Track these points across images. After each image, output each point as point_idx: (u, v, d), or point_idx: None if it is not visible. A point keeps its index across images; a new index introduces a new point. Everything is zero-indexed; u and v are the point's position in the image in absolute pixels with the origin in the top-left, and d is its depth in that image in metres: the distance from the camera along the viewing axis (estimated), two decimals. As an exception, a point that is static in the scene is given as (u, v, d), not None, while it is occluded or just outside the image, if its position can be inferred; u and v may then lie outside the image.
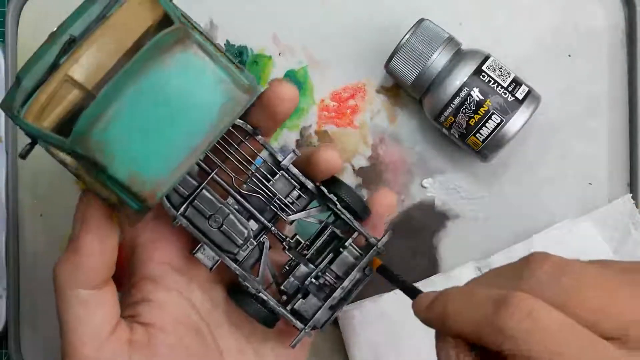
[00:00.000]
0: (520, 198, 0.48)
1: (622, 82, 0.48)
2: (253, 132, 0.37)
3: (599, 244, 0.47)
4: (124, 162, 0.31)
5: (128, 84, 0.31)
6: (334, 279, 0.39)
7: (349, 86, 0.49)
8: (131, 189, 0.31)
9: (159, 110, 0.31)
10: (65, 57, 0.32)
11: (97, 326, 0.35)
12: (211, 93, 0.32)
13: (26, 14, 0.50)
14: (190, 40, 0.31)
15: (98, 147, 0.31)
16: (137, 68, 0.31)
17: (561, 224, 0.47)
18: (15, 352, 0.49)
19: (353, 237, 0.39)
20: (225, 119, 0.32)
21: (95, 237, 0.35)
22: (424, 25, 0.45)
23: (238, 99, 0.32)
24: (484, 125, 0.44)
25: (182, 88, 0.31)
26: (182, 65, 0.31)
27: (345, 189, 0.39)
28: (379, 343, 0.47)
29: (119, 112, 0.30)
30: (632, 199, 0.48)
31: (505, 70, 0.44)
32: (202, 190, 0.37)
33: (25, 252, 0.50)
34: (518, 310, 0.27)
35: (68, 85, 0.32)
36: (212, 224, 0.37)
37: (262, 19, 0.49)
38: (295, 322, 0.38)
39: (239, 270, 0.38)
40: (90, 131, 0.30)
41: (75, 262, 0.35)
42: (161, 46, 0.31)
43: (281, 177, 0.38)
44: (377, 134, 0.49)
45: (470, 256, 0.48)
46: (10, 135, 0.49)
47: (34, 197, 0.50)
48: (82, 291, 0.35)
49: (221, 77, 0.32)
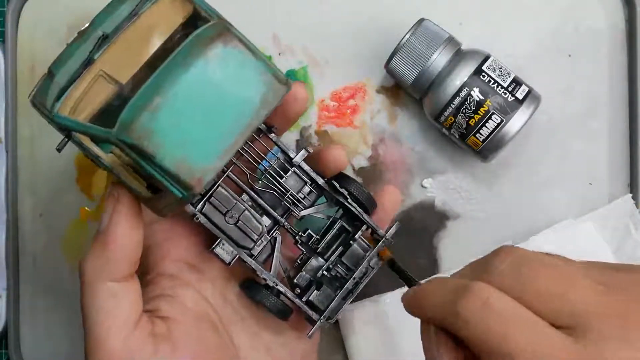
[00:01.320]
0: (520, 198, 0.48)
1: (622, 82, 0.48)
2: (268, 130, 0.39)
3: (599, 244, 0.47)
4: (171, 149, 0.32)
5: (174, 75, 0.31)
6: (345, 270, 0.40)
7: (349, 86, 0.49)
8: (179, 177, 0.32)
9: (203, 99, 0.32)
10: (99, 53, 0.33)
11: (124, 318, 0.36)
12: (252, 84, 0.33)
13: (26, 14, 0.50)
14: (230, 34, 0.33)
15: (146, 135, 0.31)
16: (182, 60, 0.32)
17: (561, 224, 0.47)
18: (15, 352, 0.49)
19: (362, 230, 0.40)
20: (265, 108, 0.33)
21: (125, 230, 0.35)
22: (424, 25, 0.45)
23: (277, 89, 0.34)
24: (484, 125, 0.44)
25: (225, 79, 0.32)
26: (225, 58, 0.32)
27: (355, 185, 0.40)
28: (378, 343, 0.47)
29: (165, 101, 0.31)
30: (632, 199, 0.48)
31: (505, 70, 0.44)
32: (218, 188, 0.38)
33: (25, 252, 0.50)
34: (473, 297, 0.29)
35: (102, 81, 0.33)
36: (229, 220, 0.38)
37: (262, 19, 0.49)
38: (311, 312, 0.39)
39: (254, 264, 0.39)
40: (138, 119, 0.31)
41: (104, 255, 0.35)
42: (204, 39, 0.32)
43: (293, 173, 0.40)
44: (377, 134, 0.49)
45: (470, 256, 0.47)
46: (10, 135, 0.49)
47: (34, 197, 0.50)
48: (111, 284, 0.35)
49: (262, 69, 0.33)
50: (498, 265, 0.30)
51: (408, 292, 0.34)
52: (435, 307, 0.30)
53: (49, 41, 0.50)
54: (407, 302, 0.33)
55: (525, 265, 0.29)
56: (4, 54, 0.50)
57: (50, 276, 0.50)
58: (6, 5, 0.50)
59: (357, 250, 0.40)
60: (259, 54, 0.33)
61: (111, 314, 0.35)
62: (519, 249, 0.30)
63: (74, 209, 0.50)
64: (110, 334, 0.35)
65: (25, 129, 0.50)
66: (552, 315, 0.28)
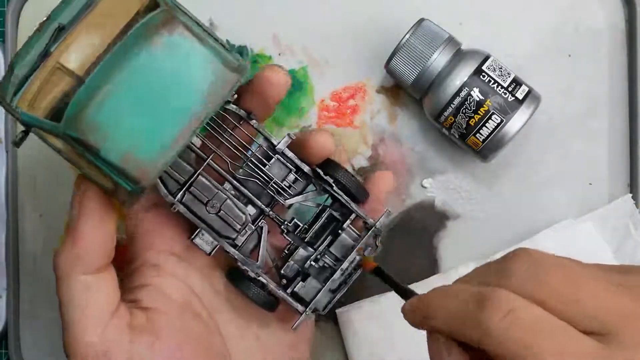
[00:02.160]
0: (520, 198, 0.48)
1: (622, 82, 0.48)
2: (247, 117, 0.38)
3: (599, 244, 0.47)
4: (116, 143, 0.31)
5: (118, 66, 0.31)
6: (333, 261, 0.40)
7: (349, 86, 0.49)
8: (125, 170, 0.32)
9: (149, 91, 0.31)
10: (55, 45, 0.32)
11: (98, 310, 0.36)
12: (200, 72, 0.32)
13: (26, 14, 0.50)
14: (176, 21, 0.32)
15: (90, 129, 0.31)
16: (126, 50, 0.31)
17: (561, 224, 0.47)
18: (15, 352, 0.49)
19: (351, 218, 0.39)
20: (215, 98, 0.32)
21: (93, 223, 0.35)
22: (424, 25, 0.45)
23: (227, 78, 0.33)
24: (484, 125, 0.44)
25: (171, 68, 0.32)
26: (170, 46, 0.31)
27: (342, 172, 0.39)
28: (378, 343, 0.47)
29: (109, 94, 0.31)
30: (632, 199, 0.48)
31: (505, 70, 0.44)
32: (199, 177, 0.37)
33: (25, 252, 0.50)
34: (498, 307, 0.27)
35: (59, 73, 0.32)
36: (210, 209, 0.37)
37: (262, 19, 0.49)
38: (295, 304, 0.39)
39: (237, 254, 0.38)
40: (82, 113, 0.31)
41: (74, 249, 0.35)
42: (148, 28, 0.31)
43: (277, 161, 0.39)
44: (377, 134, 0.49)
45: (470, 256, 0.48)
46: (10, 135, 0.49)
47: (34, 197, 0.50)
48: (84, 276, 0.35)
49: (209, 57, 0.32)
50: (516, 270, 0.28)
51: (410, 303, 0.32)
52: (448, 318, 0.29)
53: (49, 41, 0.50)
54: (410, 314, 0.31)
55: (545, 269, 0.28)
56: (4, 54, 0.50)
57: (50, 276, 0.49)
58: (6, 5, 0.50)
59: (346, 240, 0.40)
60: (208, 41, 0.32)
61: (86, 307, 0.35)
62: (534, 252, 0.29)
63: (74, 209, 0.50)
64: (86, 327, 0.35)
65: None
66: (579, 321, 0.27)
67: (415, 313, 0.31)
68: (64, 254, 0.35)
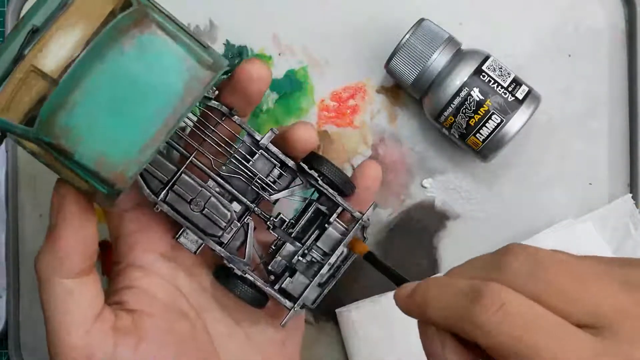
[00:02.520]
0: (520, 198, 0.48)
1: (622, 82, 0.48)
2: (229, 113, 0.37)
3: (599, 244, 0.47)
4: (90, 146, 0.31)
5: (89, 69, 0.30)
6: (321, 255, 0.39)
7: (349, 86, 0.49)
8: (99, 174, 0.31)
9: (122, 92, 0.31)
10: (29, 48, 0.32)
11: (81, 315, 0.35)
12: (173, 72, 0.31)
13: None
14: (148, 20, 0.31)
15: (63, 133, 0.30)
16: (97, 52, 0.30)
17: (561, 224, 0.47)
18: (15, 352, 0.49)
19: (337, 212, 0.39)
20: (189, 97, 0.32)
21: (73, 227, 0.35)
22: (424, 25, 0.45)
23: (201, 76, 0.32)
24: (484, 125, 0.44)
25: (143, 69, 0.31)
26: (142, 46, 0.31)
27: (327, 165, 0.39)
28: (378, 343, 0.47)
29: (81, 96, 0.30)
30: (632, 199, 0.48)
31: (505, 70, 0.44)
32: (182, 175, 0.37)
33: (25, 252, 0.50)
34: (491, 302, 0.27)
35: (34, 76, 0.32)
36: (194, 207, 0.37)
37: (262, 19, 0.49)
38: (283, 301, 0.39)
39: (223, 252, 0.38)
40: (55, 117, 0.30)
41: (54, 253, 0.35)
42: (120, 28, 0.31)
43: (261, 156, 0.39)
44: (377, 134, 0.49)
45: (470, 256, 0.47)
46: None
47: (34, 197, 0.50)
48: (65, 280, 0.35)
49: (182, 55, 0.32)
50: (511, 264, 0.28)
51: (402, 290, 0.31)
52: (442, 310, 0.29)
53: (49, 41, 0.50)
54: (403, 302, 0.31)
55: (540, 263, 0.28)
56: (4, 54, 0.49)
57: (50, 276, 0.50)
58: (6, 5, 0.50)
59: (333, 234, 0.39)
60: (181, 39, 0.32)
61: (68, 311, 0.35)
62: (530, 247, 0.29)
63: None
64: (69, 331, 0.35)
65: (25, 129, 0.50)
66: (574, 316, 0.27)
67: (408, 301, 0.31)
68: (44, 258, 0.35)
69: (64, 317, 0.35)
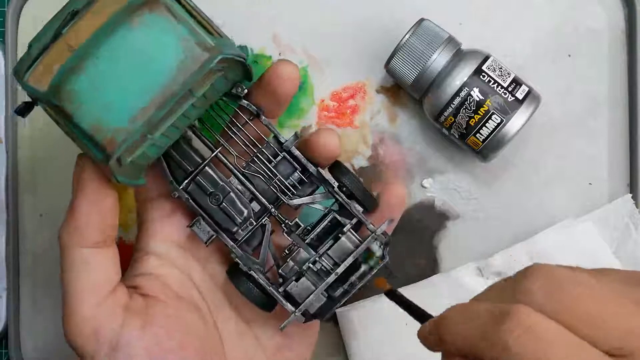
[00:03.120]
0: (520, 198, 0.48)
1: (622, 82, 0.48)
2: (257, 113, 0.38)
3: (599, 244, 0.47)
4: (88, 111, 0.33)
5: (99, 42, 0.33)
6: (331, 265, 0.39)
7: (349, 86, 0.49)
8: (93, 137, 0.33)
9: (124, 65, 0.34)
10: (66, 28, 0.34)
11: (94, 285, 0.36)
12: (170, 49, 0.34)
13: (26, 14, 0.50)
14: (158, 2, 0.34)
15: (68, 97, 0.33)
16: (109, 27, 0.33)
17: (561, 223, 0.47)
18: (15, 352, 0.49)
19: (351, 222, 0.39)
20: (183, 75, 0.34)
21: (90, 198, 0.36)
22: (424, 25, 0.45)
23: (197, 56, 0.34)
24: (484, 125, 0.44)
25: (145, 45, 0.34)
26: (147, 24, 0.34)
27: (349, 176, 0.39)
28: (378, 343, 0.47)
29: (89, 65, 0.33)
30: (632, 199, 0.48)
31: (505, 70, 0.44)
32: (206, 168, 0.38)
33: (25, 252, 0.50)
34: (517, 324, 0.26)
35: (66, 52, 0.34)
36: (212, 200, 0.38)
37: (262, 19, 0.49)
38: (285, 304, 0.39)
39: (235, 247, 0.39)
40: (63, 82, 0.33)
41: (74, 222, 0.36)
42: (132, 7, 0.34)
43: (283, 159, 0.39)
44: (377, 134, 0.49)
45: (470, 256, 0.48)
46: (10, 135, 0.49)
47: (34, 197, 0.50)
48: (83, 249, 0.36)
49: (182, 35, 0.34)
50: (530, 287, 0.27)
51: (425, 326, 0.30)
52: (466, 336, 0.28)
53: (49, 41, 0.50)
54: (426, 338, 0.30)
55: (560, 286, 0.27)
56: (4, 54, 0.50)
57: (50, 276, 0.50)
58: (6, 5, 0.50)
59: (345, 244, 0.39)
60: (186, 21, 0.34)
61: (82, 279, 0.36)
62: (548, 268, 0.28)
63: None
64: (82, 299, 0.36)
65: (25, 129, 0.50)
66: (598, 340, 0.26)
67: (430, 336, 0.30)
68: (65, 227, 0.36)
69: (78, 284, 0.36)
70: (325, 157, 0.39)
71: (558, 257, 0.47)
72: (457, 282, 0.47)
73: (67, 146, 0.50)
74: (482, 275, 0.47)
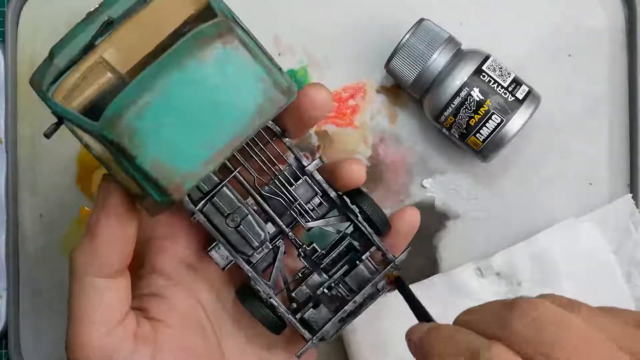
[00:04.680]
0: (520, 198, 0.48)
1: (622, 82, 0.48)
2: (281, 134, 0.37)
3: (599, 244, 0.47)
4: (153, 152, 0.30)
5: (165, 74, 0.30)
6: (346, 291, 0.39)
7: (349, 86, 0.49)
8: (157, 181, 0.30)
9: (195, 102, 0.30)
10: (101, 39, 0.31)
11: (106, 315, 0.35)
12: (249, 91, 0.31)
13: (26, 14, 0.50)
14: (232, 34, 0.30)
15: (128, 133, 0.29)
16: (177, 57, 0.30)
17: (561, 224, 0.47)
18: (15, 352, 0.49)
19: (370, 251, 0.38)
20: (260, 118, 0.31)
21: (114, 225, 0.34)
22: (424, 25, 0.45)
23: (275, 99, 0.31)
24: (484, 125, 0.44)
25: (220, 83, 0.30)
26: (222, 60, 0.30)
27: (368, 202, 0.38)
28: (379, 343, 0.47)
29: (153, 99, 0.29)
30: (632, 199, 0.48)
31: (506, 70, 0.44)
32: (223, 188, 0.36)
33: (25, 252, 0.50)
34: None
35: (101, 68, 0.31)
36: (230, 222, 0.36)
37: (262, 19, 0.49)
38: (303, 331, 0.38)
39: (251, 272, 0.37)
40: (122, 116, 0.29)
41: (92, 249, 0.34)
42: (202, 38, 0.30)
43: (304, 182, 0.38)
44: (377, 134, 0.49)
45: (470, 256, 0.48)
46: (10, 135, 0.49)
47: (34, 197, 0.50)
48: (97, 279, 0.34)
49: (260, 75, 0.31)
50: (516, 325, 0.27)
51: (412, 332, 0.31)
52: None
53: (49, 41, 0.50)
54: (412, 347, 0.31)
55: (546, 328, 0.26)
56: (4, 54, 0.50)
57: (50, 276, 0.50)
58: (6, 5, 0.50)
59: (362, 272, 0.38)
60: (261, 59, 0.31)
61: (93, 310, 0.34)
62: (537, 304, 0.27)
63: (74, 209, 0.50)
64: (91, 330, 0.34)
65: (25, 129, 0.50)
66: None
67: (416, 349, 0.31)
68: (81, 253, 0.34)
69: (89, 314, 0.34)
70: (350, 186, 0.38)
71: (558, 257, 0.47)
72: (457, 282, 0.47)
73: (67, 146, 0.50)
74: (482, 276, 0.47)
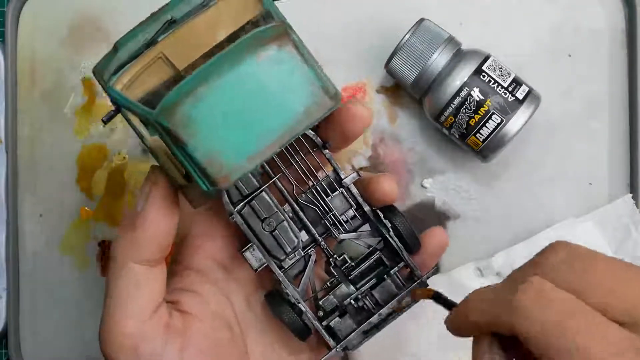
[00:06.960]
0: (521, 198, 0.48)
1: (622, 82, 0.48)
2: (322, 146, 0.38)
3: (599, 244, 0.47)
4: (204, 141, 0.32)
5: (222, 69, 0.32)
6: (372, 304, 0.40)
7: (349, 86, 0.49)
8: (207, 170, 0.32)
9: (247, 98, 0.32)
10: (163, 36, 0.33)
11: (142, 303, 0.36)
12: (298, 92, 0.33)
13: (26, 14, 0.50)
14: (287, 38, 0.33)
15: (183, 122, 0.31)
16: (235, 55, 0.32)
17: (561, 224, 0.47)
18: (15, 352, 0.49)
19: (399, 266, 0.39)
20: (307, 120, 0.33)
21: (157, 215, 0.35)
22: (424, 25, 0.45)
23: (323, 103, 0.33)
24: (484, 125, 0.44)
25: (272, 82, 0.32)
26: (276, 61, 0.32)
27: (400, 219, 0.39)
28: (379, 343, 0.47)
29: (209, 92, 0.31)
30: (632, 199, 0.48)
31: (506, 70, 0.44)
32: (262, 193, 0.38)
33: (25, 252, 0.50)
34: (529, 289, 0.28)
35: (160, 63, 0.33)
36: (265, 227, 0.38)
37: (262, 19, 0.49)
38: (328, 338, 0.39)
39: (283, 277, 0.38)
40: (179, 105, 0.31)
41: (134, 236, 0.35)
42: (260, 38, 0.32)
43: (340, 194, 0.39)
44: (377, 134, 0.49)
45: (470, 256, 0.48)
46: (10, 135, 0.49)
47: (34, 197, 0.50)
48: (137, 266, 0.35)
49: (310, 78, 0.33)
50: (551, 260, 0.29)
51: (451, 312, 0.32)
52: (486, 309, 0.29)
53: (49, 41, 0.50)
54: (453, 322, 0.32)
55: (579, 259, 0.29)
56: (4, 54, 0.50)
57: (50, 276, 0.50)
58: (6, 5, 0.50)
59: (389, 286, 0.39)
60: (312, 63, 0.33)
61: (130, 297, 0.35)
62: (571, 244, 0.30)
63: (74, 209, 0.50)
64: (126, 316, 0.35)
65: (25, 129, 0.50)
66: (610, 311, 0.27)
67: (456, 318, 0.32)
68: (122, 239, 0.36)
69: (126, 301, 0.35)
70: (382, 202, 0.39)
71: (558, 257, 0.47)
72: (457, 282, 0.47)
73: (67, 146, 0.50)
74: (482, 276, 0.47)
